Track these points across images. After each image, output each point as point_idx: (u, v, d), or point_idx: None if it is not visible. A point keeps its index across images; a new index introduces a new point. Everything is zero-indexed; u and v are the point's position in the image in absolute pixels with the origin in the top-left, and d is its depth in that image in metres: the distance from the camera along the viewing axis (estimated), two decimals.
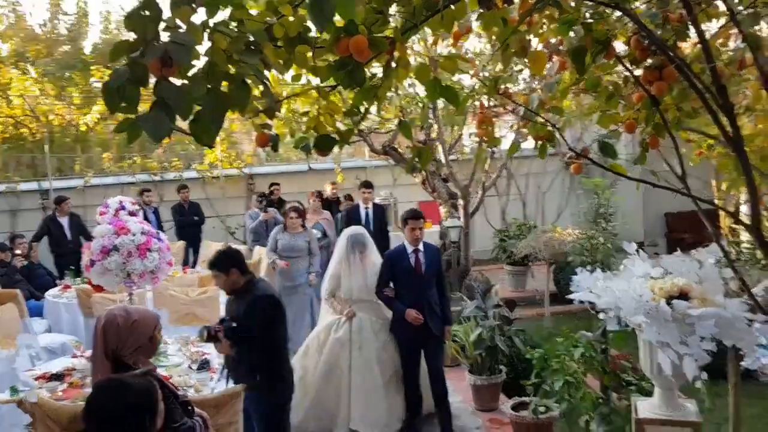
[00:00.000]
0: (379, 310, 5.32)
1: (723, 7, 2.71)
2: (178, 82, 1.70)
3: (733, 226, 8.73)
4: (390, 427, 5.09)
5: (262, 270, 7.87)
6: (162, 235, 5.14)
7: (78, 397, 4.04)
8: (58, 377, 4.39)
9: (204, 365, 4.48)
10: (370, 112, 2.61)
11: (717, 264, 3.27)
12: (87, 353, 4.86)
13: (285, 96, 2.95)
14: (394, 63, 2.26)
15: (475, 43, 8.22)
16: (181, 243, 9.65)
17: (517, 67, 4.97)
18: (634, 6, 2.67)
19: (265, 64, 1.96)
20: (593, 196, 7.97)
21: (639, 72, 2.80)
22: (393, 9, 2.25)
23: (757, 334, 2.99)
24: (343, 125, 2.50)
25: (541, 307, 8.58)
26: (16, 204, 10.72)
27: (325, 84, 2.23)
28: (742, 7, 2.59)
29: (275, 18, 1.95)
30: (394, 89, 6.78)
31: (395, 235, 10.49)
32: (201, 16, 1.82)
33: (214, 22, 1.80)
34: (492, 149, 7.78)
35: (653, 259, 3.48)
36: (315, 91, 2.19)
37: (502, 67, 3.47)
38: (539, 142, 2.99)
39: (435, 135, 8.74)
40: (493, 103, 5.53)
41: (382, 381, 5.13)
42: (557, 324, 7.99)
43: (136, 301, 4.99)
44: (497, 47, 2.78)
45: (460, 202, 8.58)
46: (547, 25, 2.94)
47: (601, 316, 3.28)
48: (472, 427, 5.31)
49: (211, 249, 9.44)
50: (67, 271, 8.01)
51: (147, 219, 8.31)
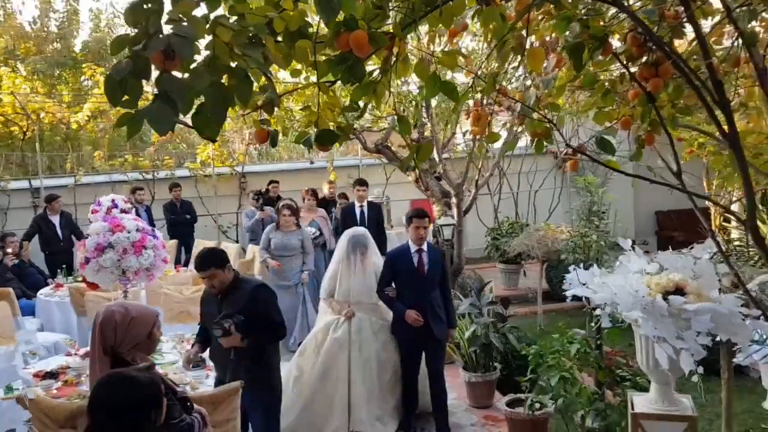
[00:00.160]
0: (378, 312, 5.24)
1: (717, 5, 2.74)
2: (178, 75, 1.70)
3: (724, 224, 8.81)
4: (389, 427, 5.03)
5: (256, 269, 7.86)
6: (157, 232, 5.12)
7: (72, 395, 4.03)
8: (53, 375, 4.38)
9: (199, 363, 4.47)
10: (369, 107, 2.61)
11: (711, 260, 3.30)
12: (81, 351, 4.84)
13: (279, 94, 2.95)
14: (393, 58, 2.27)
15: (467, 42, 8.26)
16: (173, 242, 9.61)
17: (512, 64, 4.97)
18: (631, 2, 2.69)
19: (265, 59, 1.96)
20: (585, 194, 7.99)
21: (634, 69, 2.82)
22: (392, 4, 2.26)
23: (751, 329, 3.02)
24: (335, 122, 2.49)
25: (533, 305, 8.62)
26: (6, 202, 10.64)
27: (324, 79, 2.23)
28: (737, 5, 2.61)
29: (275, 12, 1.96)
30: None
31: (395, 233, 10.58)
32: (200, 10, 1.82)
33: (214, 15, 1.80)
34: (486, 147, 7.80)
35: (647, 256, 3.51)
36: (316, 86, 2.19)
37: (497, 65, 3.49)
38: (535, 139, 3.00)
39: (428, 133, 8.75)
40: (487, 100, 5.52)
41: (382, 381, 5.06)
42: (550, 322, 8.04)
43: (130, 299, 4.96)
44: (494, 44, 2.79)
45: (453, 201, 8.59)
46: (543, 21, 2.97)
47: (597, 312, 3.30)
48: (467, 424, 5.31)
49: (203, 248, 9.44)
50: (59, 270, 7.97)
51: (139, 217, 8.27)
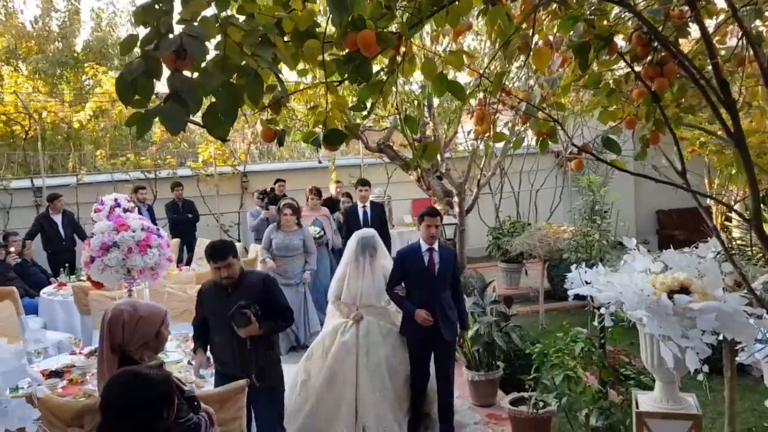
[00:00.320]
0: (387, 316, 5.16)
1: (722, 4, 2.74)
2: (188, 75, 1.71)
3: (726, 223, 8.82)
4: None
5: (258, 267, 7.86)
6: (162, 231, 5.12)
7: (78, 393, 4.05)
8: (58, 374, 4.39)
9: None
10: (375, 107, 2.62)
11: (715, 259, 3.31)
12: (86, 350, 4.86)
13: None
14: (400, 58, 2.28)
15: (469, 41, 8.26)
16: (176, 241, 9.62)
17: (516, 64, 4.97)
18: (636, 1, 2.70)
19: (273, 58, 1.96)
20: (587, 193, 7.99)
21: (639, 68, 2.83)
22: (399, 4, 2.27)
23: (755, 328, 3.03)
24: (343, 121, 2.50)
25: (535, 304, 8.63)
26: (9, 202, 10.65)
27: (331, 79, 2.24)
28: (742, 4, 2.62)
29: (284, 12, 1.96)
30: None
31: (396, 232, 10.58)
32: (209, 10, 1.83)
33: (223, 15, 1.81)
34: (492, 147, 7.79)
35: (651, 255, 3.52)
36: (323, 85, 2.20)
37: (502, 64, 3.49)
38: (540, 138, 3.01)
39: (430, 132, 8.76)
40: (490, 99, 5.52)
41: (392, 387, 4.91)
42: (551, 321, 8.05)
43: (135, 298, 4.97)
44: (498, 44, 2.80)
45: (455, 200, 8.59)
46: (549, 21, 2.98)
47: (602, 311, 3.31)
48: (470, 423, 5.32)
49: None
50: (61, 269, 7.98)
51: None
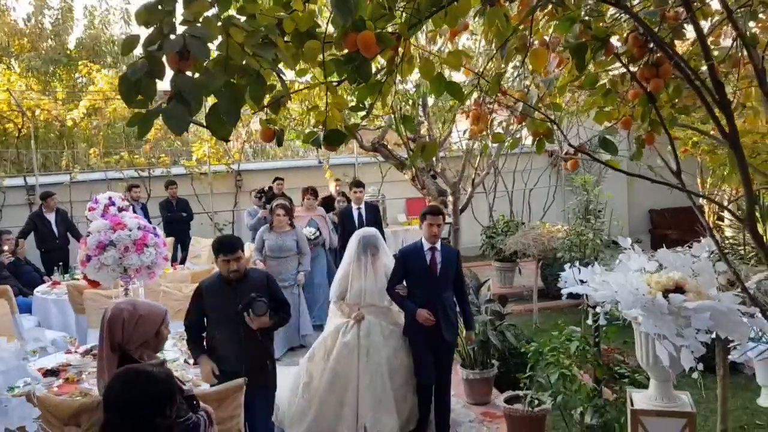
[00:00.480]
0: (389, 316, 5.13)
1: (716, 6, 2.77)
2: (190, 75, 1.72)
3: (718, 222, 8.88)
4: None
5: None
6: (158, 230, 5.12)
7: (74, 392, 4.04)
8: (54, 373, 4.38)
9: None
10: (375, 107, 2.64)
11: (708, 258, 3.33)
12: (81, 349, 4.85)
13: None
14: (398, 58, 2.29)
15: (464, 40, 8.28)
16: (170, 239, 9.58)
17: (512, 64, 4.99)
18: (634, 3, 2.72)
19: (274, 59, 1.97)
20: (580, 192, 8.03)
21: (635, 69, 2.85)
22: (398, 5, 2.28)
23: (749, 326, 3.06)
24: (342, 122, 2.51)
25: (529, 303, 8.67)
26: (2, 200, 10.60)
27: (330, 79, 2.25)
28: (738, 6, 2.65)
29: (285, 13, 1.98)
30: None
31: (391, 231, 10.59)
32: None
33: (225, 16, 1.82)
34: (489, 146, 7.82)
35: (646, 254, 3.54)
36: (322, 85, 2.21)
37: (498, 65, 3.52)
38: (536, 139, 3.03)
39: (425, 132, 8.77)
40: (486, 99, 5.54)
41: (392, 387, 4.88)
42: (545, 319, 8.09)
43: (132, 297, 4.96)
44: (495, 45, 2.82)
45: (450, 199, 8.61)
46: (545, 22, 2.99)
47: (598, 310, 3.34)
48: (465, 421, 5.35)
49: (201, 245, 9.43)
50: (55, 267, 7.96)
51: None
